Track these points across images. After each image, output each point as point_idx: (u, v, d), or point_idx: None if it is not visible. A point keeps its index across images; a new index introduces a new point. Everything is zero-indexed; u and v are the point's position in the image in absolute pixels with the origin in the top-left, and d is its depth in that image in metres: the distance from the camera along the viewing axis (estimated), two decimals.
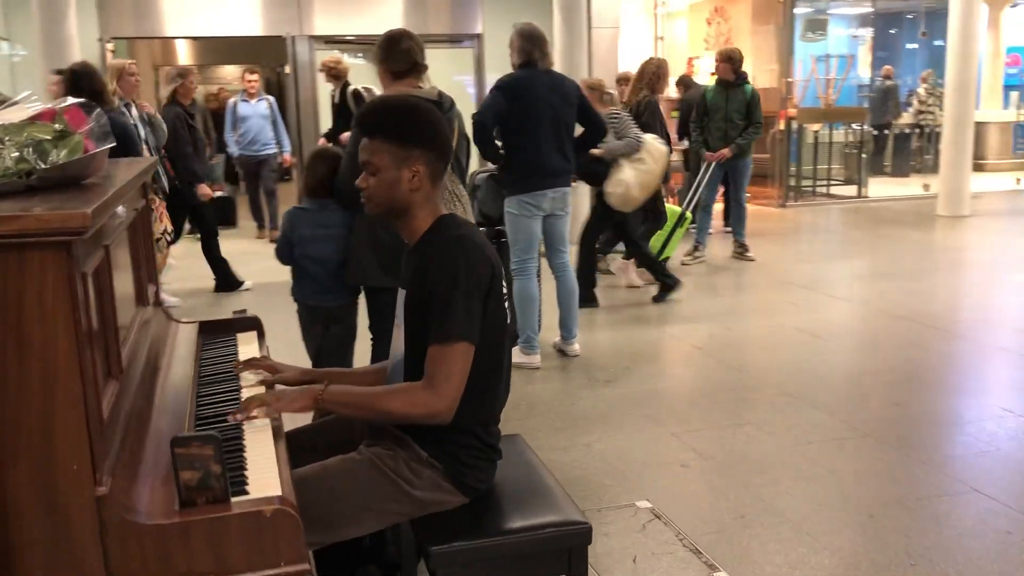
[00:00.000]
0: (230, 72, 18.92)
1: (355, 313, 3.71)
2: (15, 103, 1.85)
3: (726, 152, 7.50)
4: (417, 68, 3.54)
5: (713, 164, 7.54)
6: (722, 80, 7.53)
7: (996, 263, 7.90)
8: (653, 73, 6.79)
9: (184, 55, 15.00)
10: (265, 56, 16.35)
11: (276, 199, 9.45)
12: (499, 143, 4.88)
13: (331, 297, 3.58)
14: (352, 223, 3.45)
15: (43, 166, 1.64)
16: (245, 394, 2.23)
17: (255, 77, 9.46)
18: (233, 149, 9.43)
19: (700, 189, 7.74)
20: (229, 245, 8.89)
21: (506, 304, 2.21)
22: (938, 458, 3.72)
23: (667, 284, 6.40)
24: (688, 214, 7.53)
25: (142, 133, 6.23)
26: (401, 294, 2.26)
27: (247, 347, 2.66)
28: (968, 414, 4.21)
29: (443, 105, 3.51)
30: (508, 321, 2.24)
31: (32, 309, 1.37)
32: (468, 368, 2.05)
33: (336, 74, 7.96)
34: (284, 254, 3.58)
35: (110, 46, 9.70)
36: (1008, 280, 7.15)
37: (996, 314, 6.16)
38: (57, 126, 1.70)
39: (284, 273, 3.71)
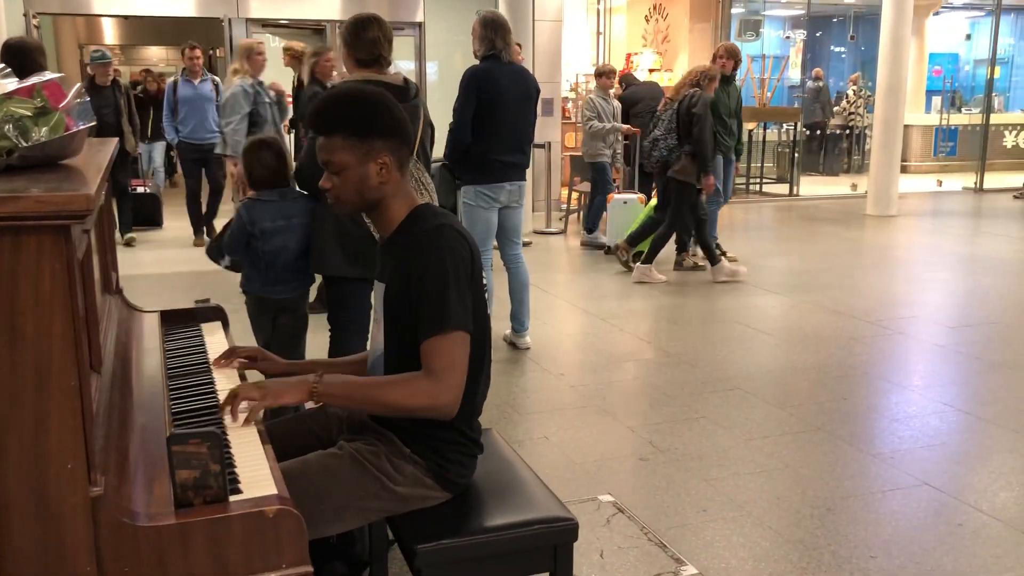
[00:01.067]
0: (155, 53, 18.41)
1: (305, 303, 3.61)
2: None
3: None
4: (380, 62, 3.44)
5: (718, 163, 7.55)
6: (723, 76, 7.52)
7: (924, 262, 8.16)
8: (702, 74, 6.82)
9: (110, 34, 14.52)
10: (195, 37, 15.95)
11: (220, 198, 8.58)
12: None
13: (283, 288, 3.47)
14: (314, 210, 3.35)
15: (24, 144, 1.54)
16: (219, 386, 2.15)
17: (198, 54, 8.65)
18: (172, 136, 8.55)
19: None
20: (155, 250, 8.37)
21: (486, 293, 2.17)
22: (888, 452, 3.80)
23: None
24: None
25: (272, 112, 5.98)
26: (378, 287, 2.19)
27: (212, 337, 2.57)
28: (912, 409, 4.31)
29: (409, 92, 3.43)
30: (488, 310, 2.20)
31: (26, 297, 1.28)
32: (467, 357, 2.01)
33: (300, 58, 7.78)
34: (237, 248, 3.42)
35: (35, 22, 9.31)
36: (936, 278, 7.38)
37: (929, 311, 6.35)
38: (37, 102, 1.60)
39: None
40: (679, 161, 6.78)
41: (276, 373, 2.30)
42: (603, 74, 8.59)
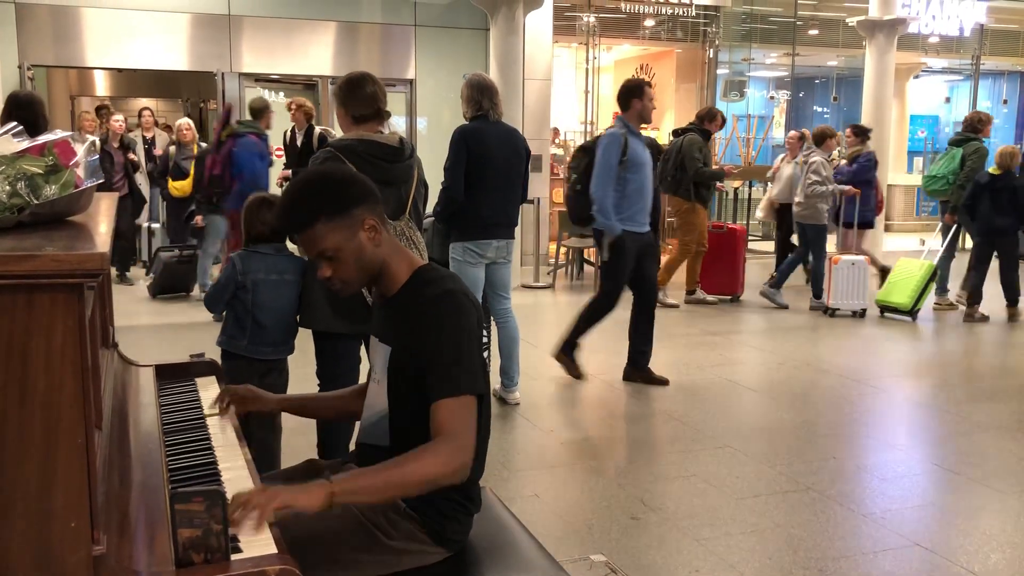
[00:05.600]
0: (146, 105, 18.49)
1: (286, 359, 3.60)
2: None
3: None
4: (380, 115, 3.49)
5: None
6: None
7: (907, 320, 8.20)
8: None
9: (102, 86, 14.62)
10: (185, 91, 16.07)
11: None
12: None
13: (272, 350, 3.45)
14: (305, 269, 3.37)
15: (36, 201, 1.56)
16: (215, 443, 2.14)
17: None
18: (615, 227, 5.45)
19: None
20: None
21: (485, 353, 2.19)
22: (878, 512, 3.80)
23: None
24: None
25: None
26: (380, 348, 2.19)
27: (206, 392, 2.56)
28: (901, 468, 4.33)
29: (404, 152, 3.47)
30: (487, 368, 2.22)
31: (38, 354, 1.29)
32: (476, 420, 2.01)
33: (307, 114, 7.92)
34: (222, 299, 3.39)
35: (30, 73, 9.38)
36: (923, 335, 7.44)
37: (912, 370, 6.39)
38: (48, 160, 1.62)
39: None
40: None
41: (268, 410, 2.32)
42: (827, 136, 8.62)
